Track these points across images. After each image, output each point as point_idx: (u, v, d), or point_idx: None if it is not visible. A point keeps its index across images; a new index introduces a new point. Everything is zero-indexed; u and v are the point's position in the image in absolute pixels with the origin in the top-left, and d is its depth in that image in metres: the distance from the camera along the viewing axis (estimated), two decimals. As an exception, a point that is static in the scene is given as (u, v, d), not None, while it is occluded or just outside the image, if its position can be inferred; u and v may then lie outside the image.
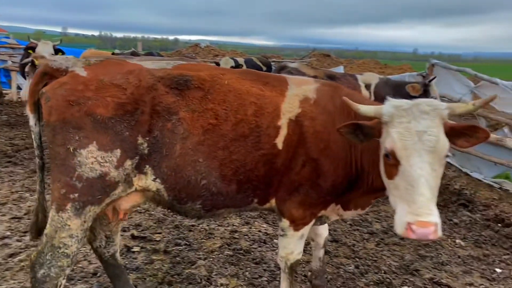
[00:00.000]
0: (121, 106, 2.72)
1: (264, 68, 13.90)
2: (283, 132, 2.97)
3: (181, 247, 4.85)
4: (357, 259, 4.84)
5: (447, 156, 2.44)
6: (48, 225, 2.80)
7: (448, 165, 8.84)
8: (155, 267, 4.38)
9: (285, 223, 3.24)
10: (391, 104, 2.57)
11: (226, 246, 4.94)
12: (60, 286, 2.83)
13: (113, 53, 11.85)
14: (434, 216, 2.32)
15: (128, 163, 2.77)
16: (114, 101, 2.71)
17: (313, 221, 3.34)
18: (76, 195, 2.69)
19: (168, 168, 2.85)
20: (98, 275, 4.16)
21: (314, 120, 3.00)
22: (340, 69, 18.19)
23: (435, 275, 4.53)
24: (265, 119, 2.96)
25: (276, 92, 3.08)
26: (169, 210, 3.29)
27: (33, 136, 2.92)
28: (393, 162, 2.49)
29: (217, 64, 12.65)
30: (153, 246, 4.84)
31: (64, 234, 2.75)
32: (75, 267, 4.15)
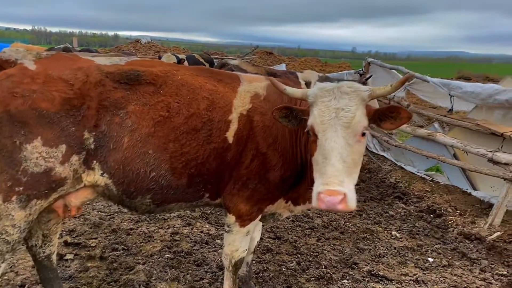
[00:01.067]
0: (68, 101, 2.70)
1: (207, 65, 13.76)
2: (233, 127, 3.03)
3: (118, 252, 4.64)
4: (299, 255, 4.88)
5: (363, 134, 2.56)
6: None
7: (384, 159, 9.22)
8: (90, 275, 4.16)
9: (231, 218, 3.27)
10: (317, 86, 2.72)
11: (167, 249, 4.80)
12: None
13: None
14: (343, 187, 2.40)
15: (74, 158, 2.75)
16: (61, 96, 2.69)
17: (259, 217, 3.39)
18: (21, 188, 2.67)
19: (116, 162, 2.84)
20: (26, 287, 3.88)
21: (263, 115, 3.09)
22: (282, 67, 18.42)
23: (373, 268, 4.67)
24: (217, 114, 3.01)
25: (229, 88, 3.15)
26: (120, 206, 3.23)
27: None
28: (313, 138, 2.63)
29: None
30: (88, 252, 4.59)
31: (7, 222, 2.73)
32: (0, 280, 3.84)
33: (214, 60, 15.67)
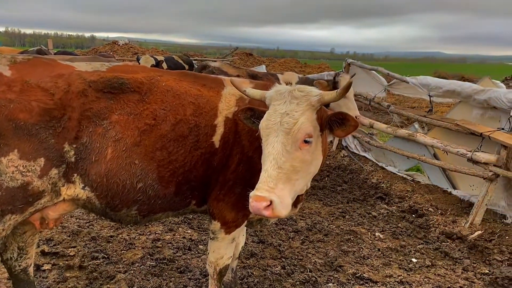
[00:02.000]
0: (47, 112, 2.54)
1: (186, 67, 13.65)
2: (219, 131, 2.98)
3: (98, 261, 4.50)
4: (283, 259, 4.83)
5: (307, 142, 2.51)
6: None
7: (366, 160, 9.27)
8: (69, 285, 4.02)
9: (216, 225, 3.19)
10: (275, 88, 2.70)
11: (148, 256, 4.68)
12: None
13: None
14: (271, 194, 2.36)
15: (54, 172, 2.61)
16: (40, 106, 2.53)
17: (245, 223, 3.32)
18: None
19: (98, 175, 2.71)
20: (1, 300, 3.73)
21: None
22: (262, 68, 18.39)
23: (357, 270, 4.65)
24: (203, 118, 2.95)
25: (213, 92, 3.09)
26: (103, 218, 3.12)
27: None
28: (261, 142, 2.61)
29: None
30: (66, 262, 4.44)
31: None
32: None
33: (194, 61, 15.55)
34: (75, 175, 2.69)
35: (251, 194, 2.40)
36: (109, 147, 2.69)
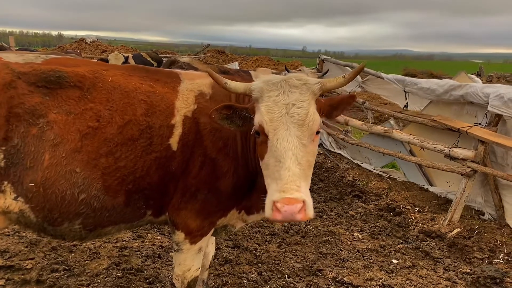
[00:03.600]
0: None
1: (155, 64, 13.28)
2: (177, 131, 2.65)
3: (58, 274, 4.13)
4: (260, 265, 4.58)
5: (318, 132, 2.33)
6: None
7: (341, 157, 9.13)
8: (24, 303, 3.65)
9: (179, 236, 2.89)
10: (262, 79, 2.43)
11: (114, 266, 4.33)
12: None
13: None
14: (302, 194, 2.13)
15: None
16: None
17: (212, 231, 3.03)
18: None
19: (34, 183, 2.36)
20: None
21: None
22: (235, 65, 18.17)
23: (337, 274, 4.44)
24: (157, 118, 2.62)
25: (168, 88, 2.76)
26: (42, 235, 2.72)
27: None
28: (262, 139, 2.32)
29: (106, 60, 11.77)
30: (22, 276, 4.05)
31: None
32: None
33: (163, 59, 15.13)
34: (5, 182, 2.36)
35: (276, 197, 2.11)
36: (46, 152, 2.36)
